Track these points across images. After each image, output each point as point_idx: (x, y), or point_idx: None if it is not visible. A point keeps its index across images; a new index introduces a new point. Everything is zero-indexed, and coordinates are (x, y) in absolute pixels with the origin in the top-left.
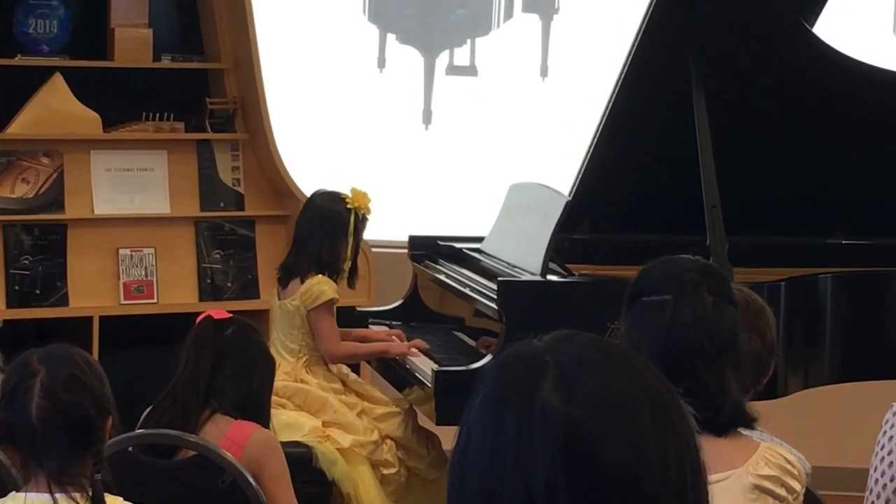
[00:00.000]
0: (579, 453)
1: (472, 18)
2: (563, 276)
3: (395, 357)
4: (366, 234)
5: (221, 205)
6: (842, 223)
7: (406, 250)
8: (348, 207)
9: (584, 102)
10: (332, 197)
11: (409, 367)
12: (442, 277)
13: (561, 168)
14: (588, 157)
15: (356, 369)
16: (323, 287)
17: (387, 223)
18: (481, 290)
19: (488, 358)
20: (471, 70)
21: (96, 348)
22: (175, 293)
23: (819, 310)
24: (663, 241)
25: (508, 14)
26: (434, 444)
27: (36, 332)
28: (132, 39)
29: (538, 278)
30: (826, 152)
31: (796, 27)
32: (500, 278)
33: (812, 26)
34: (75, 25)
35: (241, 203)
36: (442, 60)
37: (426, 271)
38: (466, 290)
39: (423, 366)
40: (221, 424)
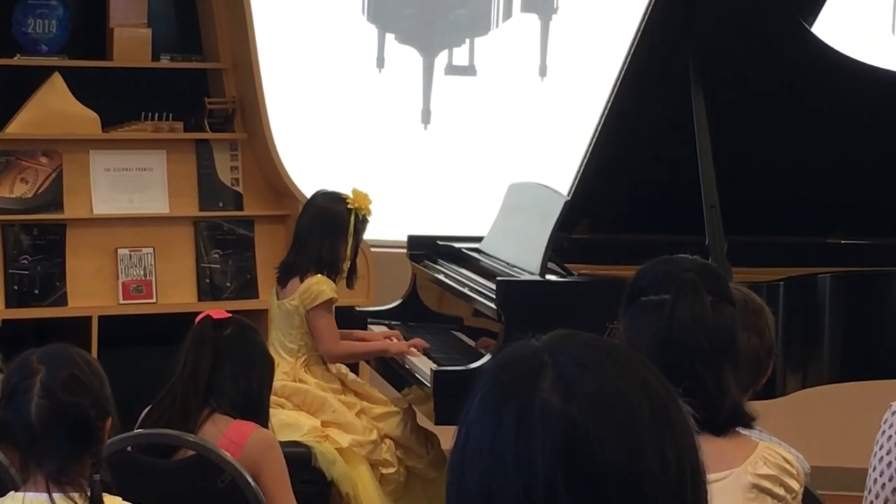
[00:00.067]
0: (578, 453)
1: (471, 18)
2: (561, 275)
3: (394, 357)
4: (365, 233)
5: (220, 205)
6: (841, 223)
7: (405, 250)
8: (349, 208)
9: (583, 102)
10: (334, 197)
11: (408, 367)
12: (441, 277)
13: (560, 168)
14: (587, 156)
15: (355, 369)
16: (322, 286)
17: (386, 223)
18: (480, 290)
19: (487, 358)
20: (470, 70)
21: (95, 348)
22: (174, 293)
23: (818, 309)
24: (662, 240)
25: (507, 14)
26: (433, 443)
27: (35, 332)
28: (131, 39)
29: (537, 278)
30: (825, 152)
31: (796, 27)
32: (498, 278)
33: (811, 26)
34: (74, 25)
35: (240, 203)
36: (441, 60)
37: (425, 271)
38: (465, 290)
39: (422, 365)
40: (220, 424)
